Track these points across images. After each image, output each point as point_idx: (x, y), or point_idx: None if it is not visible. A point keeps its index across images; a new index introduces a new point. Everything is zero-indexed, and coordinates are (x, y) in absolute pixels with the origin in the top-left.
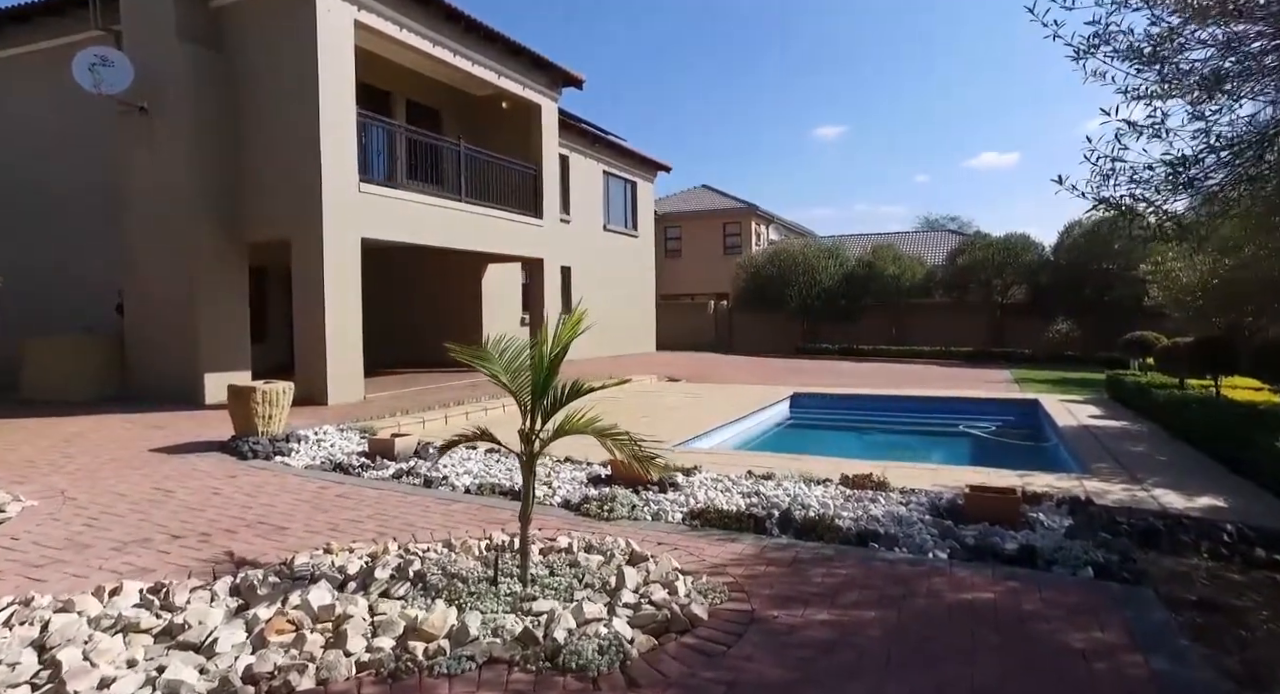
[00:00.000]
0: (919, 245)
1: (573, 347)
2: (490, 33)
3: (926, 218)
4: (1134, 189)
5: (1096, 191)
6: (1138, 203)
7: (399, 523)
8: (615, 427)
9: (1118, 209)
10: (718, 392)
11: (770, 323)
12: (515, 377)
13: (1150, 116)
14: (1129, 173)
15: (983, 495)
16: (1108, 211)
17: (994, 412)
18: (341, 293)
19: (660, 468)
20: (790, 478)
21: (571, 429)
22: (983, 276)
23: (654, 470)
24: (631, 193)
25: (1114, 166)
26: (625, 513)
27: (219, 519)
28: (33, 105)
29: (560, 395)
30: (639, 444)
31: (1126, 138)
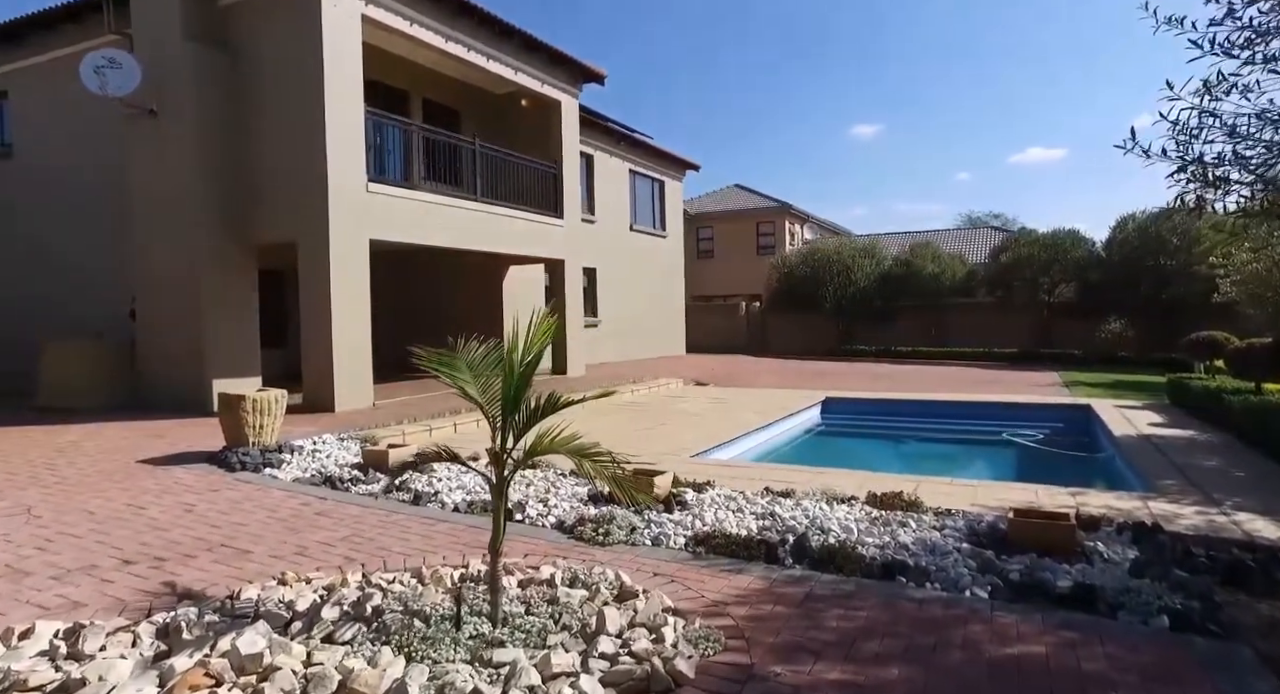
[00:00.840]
0: (959, 243)
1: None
2: (506, 27)
3: (968, 216)
4: (1233, 145)
5: (1180, 153)
6: (1232, 169)
7: (373, 547)
8: (596, 445)
9: (1203, 180)
10: (745, 396)
11: (804, 324)
12: (486, 388)
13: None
14: (1223, 127)
15: (1030, 521)
16: (1188, 183)
17: (1041, 418)
18: (349, 296)
19: (646, 496)
20: (811, 496)
21: (544, 449)
22: (1028, 274)
23: (639, 497)
24: (659, 192)
25: (1201, 122)
26: (623, 537)
27: (181, 541)
28: (54, 111)
29: (534, 410)
30: (622, 466)
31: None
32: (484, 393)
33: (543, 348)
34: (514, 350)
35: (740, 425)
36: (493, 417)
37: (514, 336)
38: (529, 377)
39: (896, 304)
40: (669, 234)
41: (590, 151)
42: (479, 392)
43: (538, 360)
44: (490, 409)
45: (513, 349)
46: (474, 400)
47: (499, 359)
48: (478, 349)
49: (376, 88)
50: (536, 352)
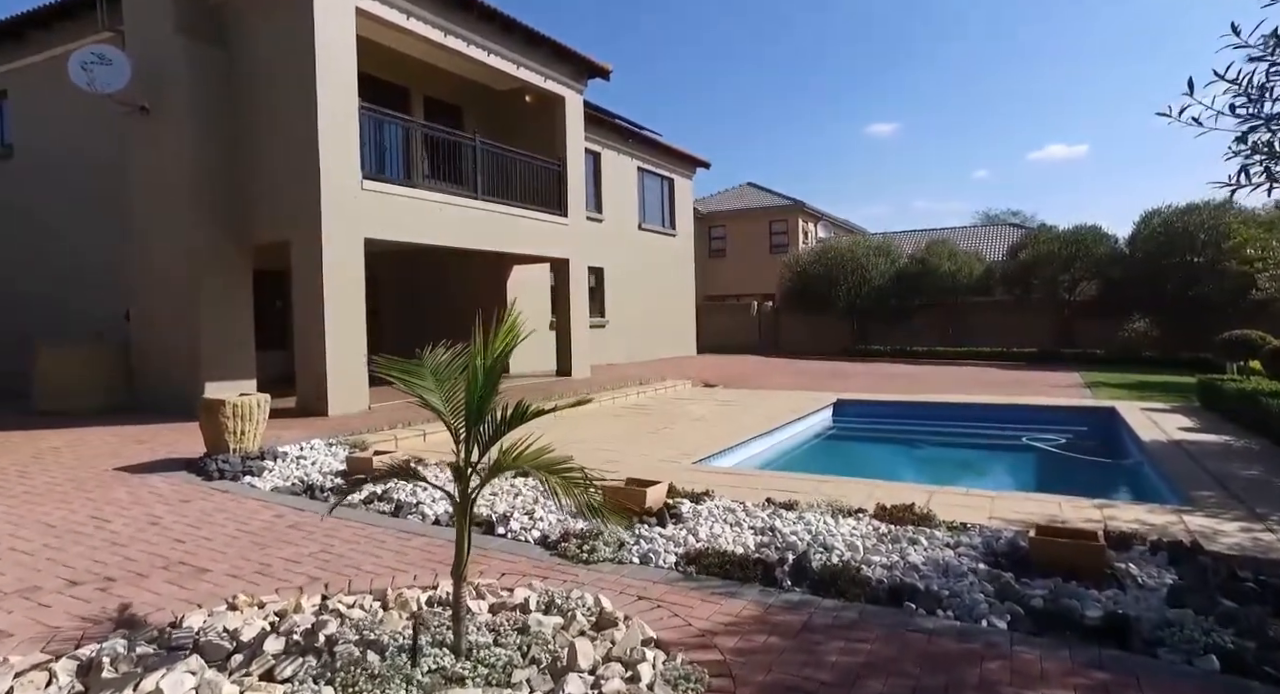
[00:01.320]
0: (977, 240)
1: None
2: (507, 21)
3: (986, 213)
4: None
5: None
6: None
7: (342, 564)
8: (568, 460)
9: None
10: (753, 398)
11: (818, 324)
12: (451, 396)
13: None
14: None
15: (1053, 540)
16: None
17: (1063, 421)
18: (343, 297)
19: (620, 517)
20: (815, 508)
21: (509, 464)
22: (1048, 272)
23: (612, 518)
24: (669, 190)
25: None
26: (609, 554)
27: (137, 558)
28: (53, 110)
29: (501, 420)
30: (595, 484)
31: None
32: (448, 401)
33: (508, 351)
34: (477, 354)
35: (747, 429)
36: (455, 428)
37: (476, 341)
38: (494, 384)
39: (912, 303)
40: (679, 233)
41: (597, 149)
42: (442, 400)
43: (502, 364)
44: (455, 420)
45: (476, 353)
46: (435, 410)
47: (465, 365)
48: (443, 354)
49: (376, 84)
50: (501, 355)
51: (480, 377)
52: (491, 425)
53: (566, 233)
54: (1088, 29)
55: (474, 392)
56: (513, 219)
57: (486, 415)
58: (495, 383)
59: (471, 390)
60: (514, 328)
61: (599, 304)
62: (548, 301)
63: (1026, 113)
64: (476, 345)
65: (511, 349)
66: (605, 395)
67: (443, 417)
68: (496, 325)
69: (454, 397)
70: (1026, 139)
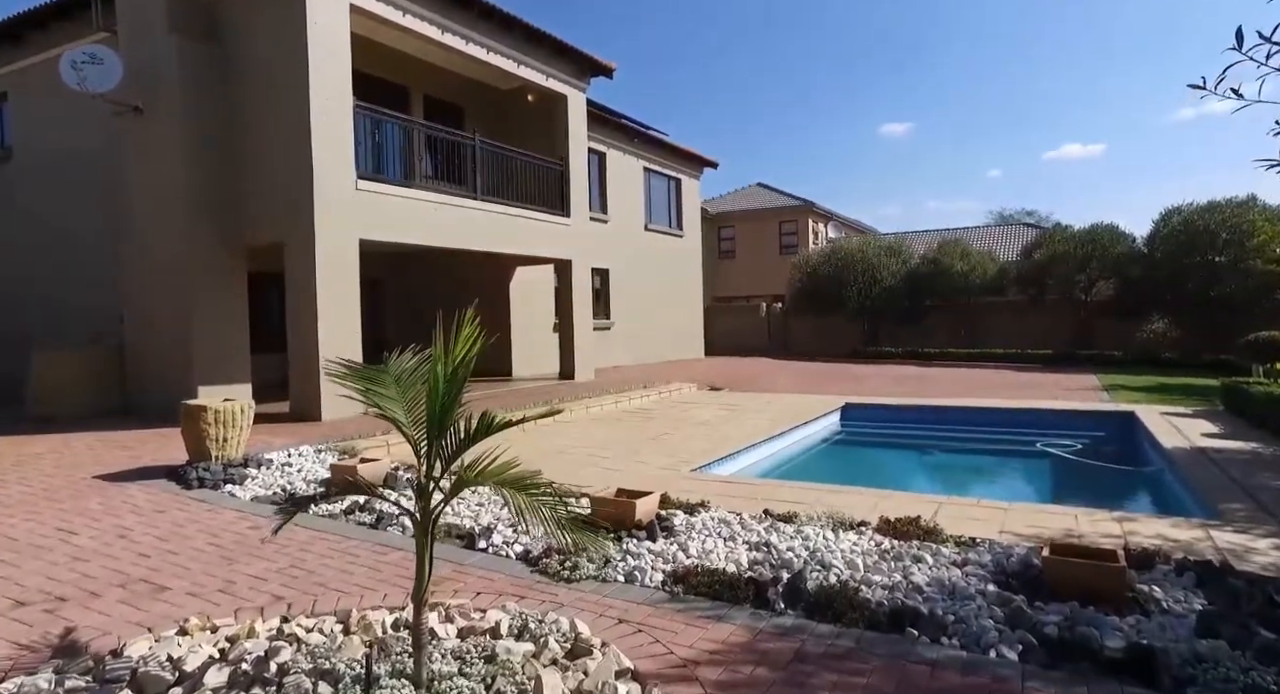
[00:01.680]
0: (990, 240)
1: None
2: (507, 18)
3: (1000, 213)
4: None
5: None
6: None
7: (310, 581)
8: (536, 475)
9: None
10: (759, 402)
11: (828, 325)
12: (415, 405)
13: None
14: None
15: (1069, 562)
16: None
17: (1079, 426)
18: (337, 299)
19: (591, 539)
20: (815, 521)
21: (472, 480)
22: (1063, 272)
23: (580, 540)
24: (675, 190)
25: None
26: (593, 571)
27: (96, 575)
28: (52, 112)
29: (465, 432)
30: (566, 502)
31: None
32: (411, 411)
33: (472, 357)
34: (437, 360)
35: (750, 435)
36: (416, 441)
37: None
38: (456, 393)
39: (923, 304)
40: (686, 233)
41: (603, 149)
42: (404, 411)
43: (467, 372)
44: (416, 432)
45: (436, 359)
46: (394, 422)
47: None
48: (410, 360)
49: (374, 83)
50: (464, 362)
51: (441, 385)
52: (455, 438)
53: (568, 233)
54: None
55: (435, 401)
56: (513, 220)
57: (449, 427)
58: (458, 392)
59: (432, 400)
60: (474, 335)
61: (604, 306)
62: (552, 303)
63: (1042, 112)
64: (437, 350)
65: (474, 356)
66: (608, 399)
67: (403, 429)
68: (457, 329)
69: (416, 407)
70: (1042, 138)
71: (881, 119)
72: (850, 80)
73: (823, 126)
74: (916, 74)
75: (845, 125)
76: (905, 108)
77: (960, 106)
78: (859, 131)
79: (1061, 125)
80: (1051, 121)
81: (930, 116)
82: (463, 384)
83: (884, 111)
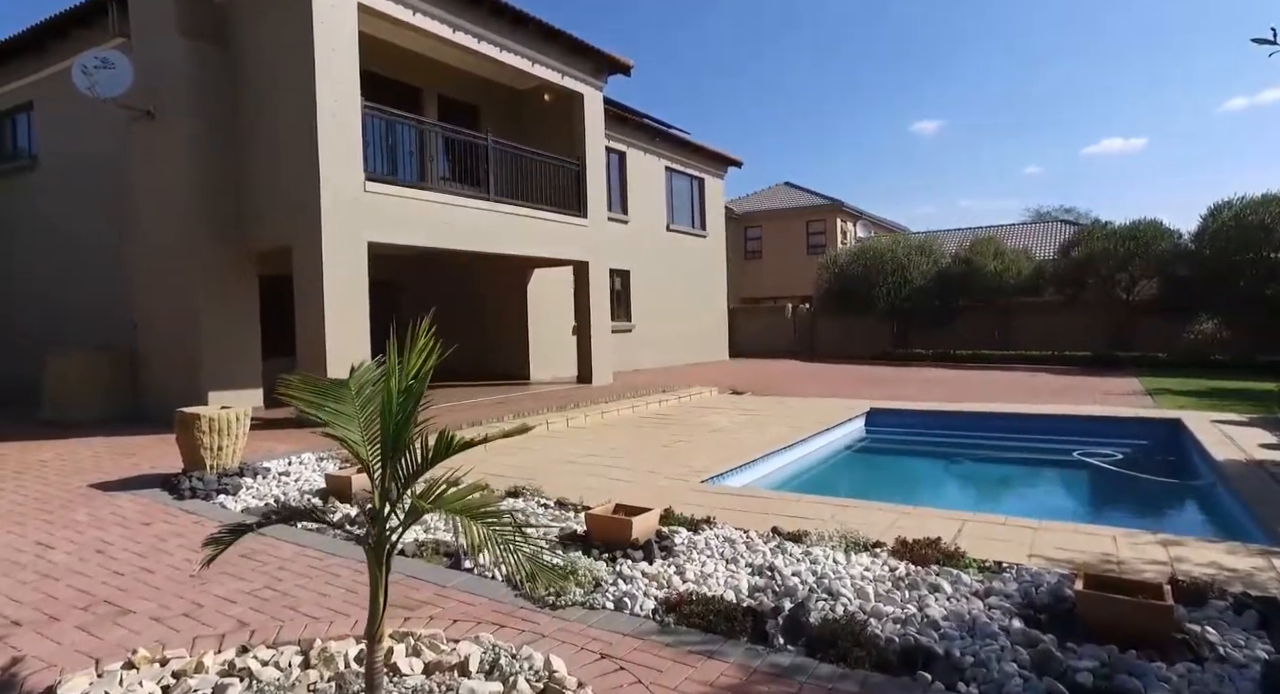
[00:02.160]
0: (1026, 238)
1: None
2: (519, 15)
3: (1037, 210)
4: None
5: None
6: None
7: (281, 604)
8: (499, 501)
9: None
10: (781, 407)
11: (856, 326)
12: (370, 424)
13: None
14: None
15: (1107, 597)
16: None
17: (1120, 434)
18: (344, 303)
19: (556, 576)
20: (826, 541)
21: (426, 506)
22: (1104, 270)
23: (544, 578)
24: (698, 190)
25: None
26: (580, 596)
27: (61, 597)
28: (76, 119)
29: (424, 453)
30: (524, 532)
31: None
32: (368, 428)
33: (429, 370)
34: (391, 374)
35: (768, 443)
36: (371, 463)
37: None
38: (411, 410)
39: (955, 304)
40: (710, 234)
41: (623, 148)
42: (361, 428)
43: (422, 386)
44: (371, 452)
45: (390, 372)
46: (342, 440)
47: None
48: (374, 371)
49: (387, 84)
50: (420, 374)
51: (394, 400)
52: (413, 459)
53: (585, 235)
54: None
55: (388, 418)
56: (527, 221)
57: (405, 446)
58: (413, 409)
59: (386, 418)
60: (429, 346)
61: (625, 308)
62: (571, 305)
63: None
64: (391, 363)
65: (430, 369)
66: (624, 404)
67: (354, 448)
68: (413, 338)
69: (374, 424)
70: (1081, 133)
71: (913, 116)
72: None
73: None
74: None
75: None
76: (938, 104)
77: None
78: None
79: (1102, 119)
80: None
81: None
82: (419, 398)
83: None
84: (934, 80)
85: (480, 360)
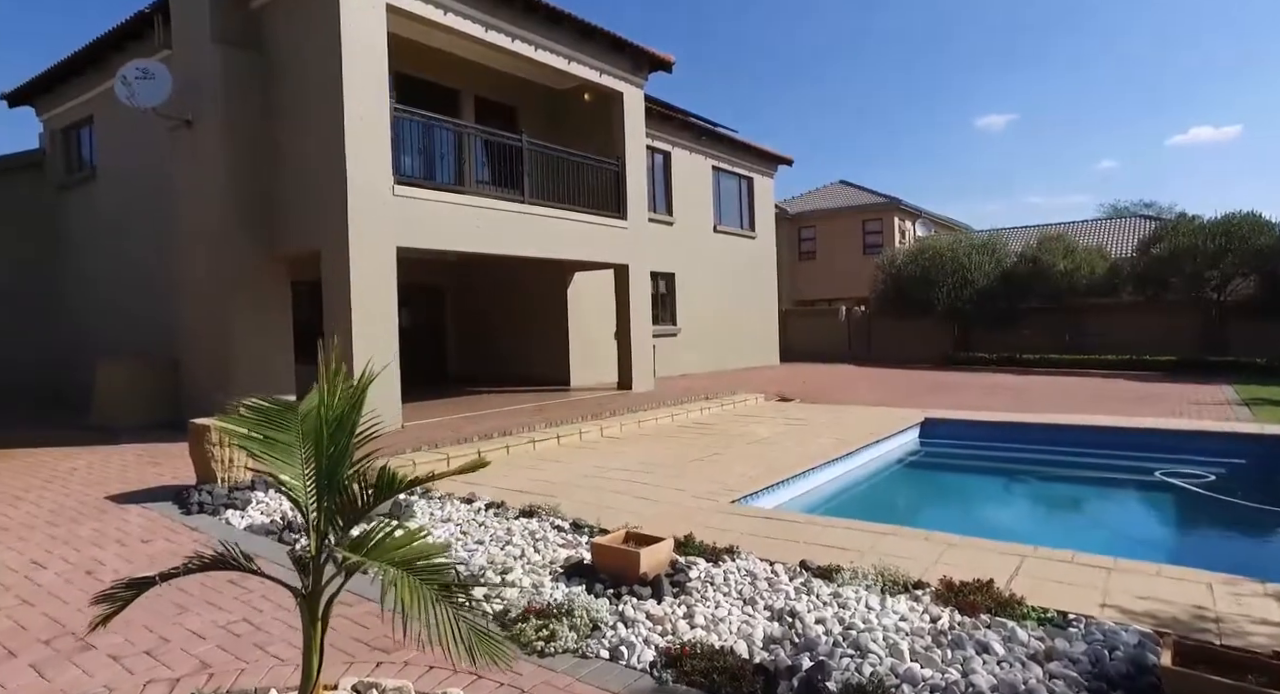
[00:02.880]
0: (1100, 235)
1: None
2: (555, 12)
3: (1113, 206)
4: None
5: None
6: None
7: (252, 640)
8: (441, 552)
9: None
10: (829, 415)
11: (914, 329)
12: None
13: None
14: None
15: (1205, 679)
16: None
17: (1211, 451)
18: (371, 309)
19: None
20: (860, 579)
21: (357, 558)
22: (1190, 268)
23: (489, 652)
24: (747, 189)
25: None
26: (572, 642)
27: (33, 625)
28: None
29: (363, 493)
30: (468, 591)
31: None
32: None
33: (355, 402)
34: (321, 400)
35: (811, 457)
36: (304, 503)
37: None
38: (344, 445)
39: (1021, 306)
40: (759, 234)
41: (668, 148)
42: (301, 462)
43: (355, 414)
44: (306, 487)
45: (322, 400)
46: (273, 477)
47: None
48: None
49: (422, 86)
50: (353, 402)
51: (325, 432)
52: (348, 499)
53: (625, 237)
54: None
55: (320, 453)
56: (564, 223)
57: (340, 485)
58: (345, 444)
59: (319, 452)
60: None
61: (670, 311)
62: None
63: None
64: (321, 386)
65: (360, 399)
66: (663, 411)
67: (285, 486)
68: (338, 362)
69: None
70: (1165, 123)
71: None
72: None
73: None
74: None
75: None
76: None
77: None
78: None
79: (1190, 106)
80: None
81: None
82: (353, 430)
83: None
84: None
85: (522, 365)
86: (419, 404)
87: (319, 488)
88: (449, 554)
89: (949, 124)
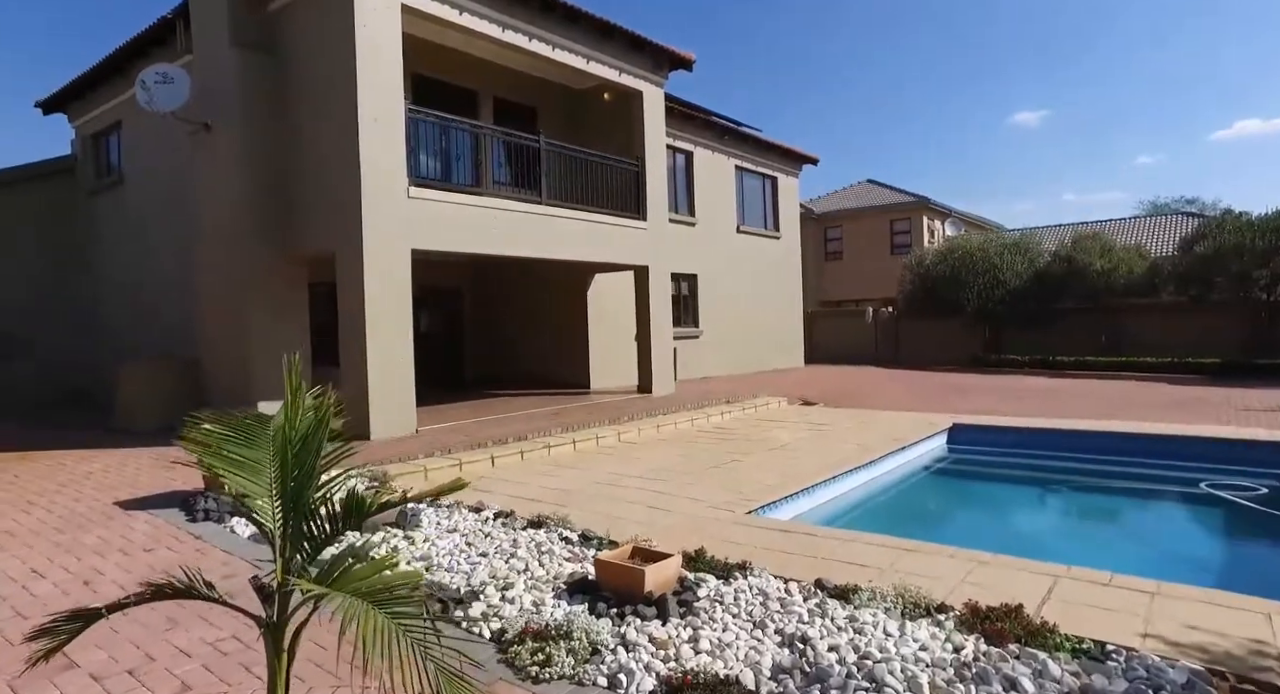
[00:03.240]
0: (1138, 233)
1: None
2: (572, 11)
3: (1152, 203)
4: None
5: None
6: None
7: (238, 661)
8: (412, 581)
9: None
10: (854, 420)
11: (943, 331)
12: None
13: None
14: None
15: None
16: None
17: (1261, 461)
18: (387, 311)
19: None
20: (878, 600)
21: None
22: (1237, 267)
23: None
24: (771, 189)
25: None
26: (569, 668)
27: (19, 638)
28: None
29: (332, 516)
30: (435, 626)
31: None
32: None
33: (323, 419)
34: (288, 419)
35: (832, 465)
36: (269, 529)
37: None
38: (310, 465)
39: (1055, 306)
40: (784, 234)
41: (689, 147)
42: (270, 481)
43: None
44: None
45: (288, 416)
46: (238, 498)
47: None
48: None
49: (440, 87)
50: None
51: (289, 452)
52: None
53: (645, 238)
54: None
55: (285, 469)
56: (582, 224)
57: (307, 507)
58: (312, 466)
59: (284, 467)
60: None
61: (692, 313)
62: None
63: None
64: (288, 401)
65: (326, 417)
66: (683, 416)
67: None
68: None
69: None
70: (1210, 116)
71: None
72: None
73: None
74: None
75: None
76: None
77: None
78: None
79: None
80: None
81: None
82: (319, 449)
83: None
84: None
85: (540, 368)
86: (435, 408)
87: (284, 511)
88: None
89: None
